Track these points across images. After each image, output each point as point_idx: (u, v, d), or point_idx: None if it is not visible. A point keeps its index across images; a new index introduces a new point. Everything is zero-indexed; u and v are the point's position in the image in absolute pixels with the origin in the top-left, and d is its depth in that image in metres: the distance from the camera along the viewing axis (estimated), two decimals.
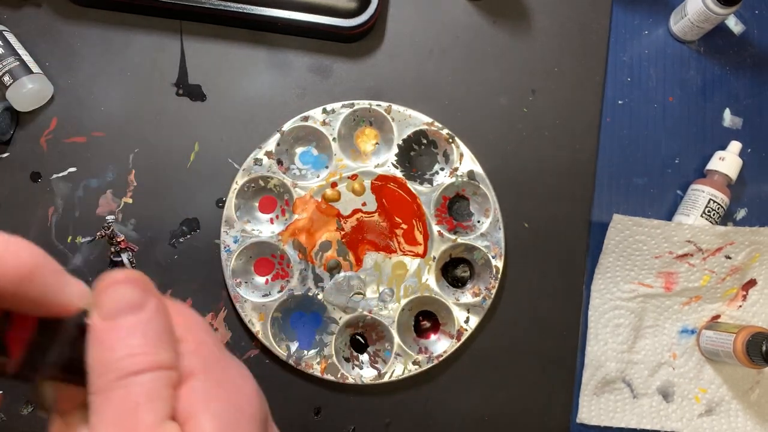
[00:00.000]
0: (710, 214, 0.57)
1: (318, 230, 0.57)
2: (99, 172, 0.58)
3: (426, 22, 0.60)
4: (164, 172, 0.58)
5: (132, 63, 0.58)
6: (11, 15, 0.58)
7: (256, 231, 0.56)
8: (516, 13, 0.60)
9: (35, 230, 0.58)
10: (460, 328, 0.56)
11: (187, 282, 0.57)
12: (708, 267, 0.58)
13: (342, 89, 0.59)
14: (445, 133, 0.57)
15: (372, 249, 0.57)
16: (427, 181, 0.57)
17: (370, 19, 0.56)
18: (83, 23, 0.58)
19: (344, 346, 0.57)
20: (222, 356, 0.22)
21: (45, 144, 0.58)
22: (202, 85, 0.59)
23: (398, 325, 0.56)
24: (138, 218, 0.58)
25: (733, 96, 0.61)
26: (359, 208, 0.57)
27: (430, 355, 0.56)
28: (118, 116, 0.58)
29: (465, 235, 0.56)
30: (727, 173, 0.58)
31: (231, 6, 0.55)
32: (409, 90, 0.59)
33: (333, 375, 0.56)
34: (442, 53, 0.59)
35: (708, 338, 0.58)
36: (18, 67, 0.55)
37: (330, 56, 0.59)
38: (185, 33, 0.59)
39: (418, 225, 0.57)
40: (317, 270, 0.56)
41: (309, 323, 0.57)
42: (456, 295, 0.57)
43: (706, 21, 0.57)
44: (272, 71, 0.59)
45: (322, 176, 0.57)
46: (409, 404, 0.58)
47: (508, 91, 0.60)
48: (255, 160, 0.56)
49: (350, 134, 0.58)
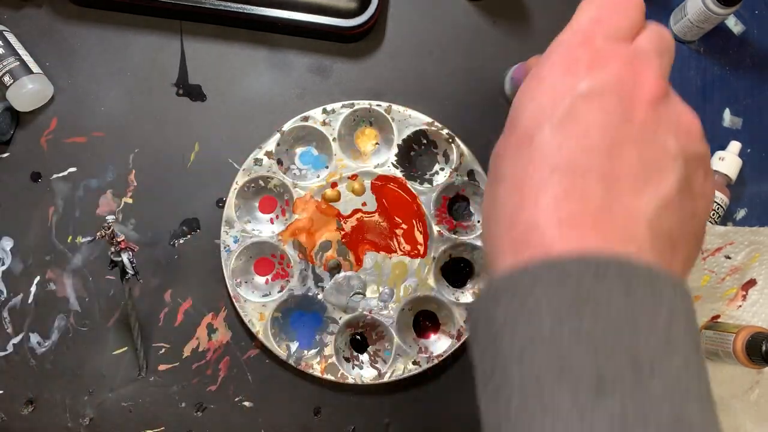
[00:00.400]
0: (710, 214, 0.57)
1: (318, 230, 0.57)
2: (99, 172, 0.58)
3: (426, 22, 0.60)
4: (164, 172, 0.58)
5: (132, 63, 0.58)
6: (11, 15, 0.58)
7: (256, 231, 0.56)
8: (516, 13, 0.60)
9: (35, 230, 0.58)
10: (460, 328, 0.56)
11: (187, 282, 0.57)
12: (707, 267, 0.58)
13: (342, 89, 0.59)
14: (445, 133, 0.57)
15: (372, 249, 0.57)
16: (427, 181, 0.57)
17: (370, 19, 0.56)
18: (83, 23, 0.58)
19: (344, 346, 0.57)
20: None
21: (45, 144, 0.58)
22: (202, 85, 0.59)
23: (398, 325, 0.56)
24: (138, 218, 0.58)
25: (732, 96, 0.61)
26: (359, 208, 0.57)
27: (430, 355, 0.56)
28: (118, 116, 0.58)
29: (465, 235, 0.57)
30: (726, 173, 0.58)
31: (231, 6, 0.55)
32: (409, 90, 0.59)
33: (333, 375, 0.56)
34: (442, 53, 0.59)
35: (708, 338, 0.58)
36: (18, 67, 0.55)
37: (330, 56, 0.59)
38: (185, 33, 0.59)
39: (418, 225, 0.57)
40: (317, 270, 0.56)
41: (309, 323, 0.57)
42: (456, 295, 0.57)
43: (705, 21, 0.57)
44: (272, 71, 0.59)
45: (322, 176, 0.57)
46: (409, 404, 0.58)
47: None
48: (255, 160, 0.56)
49: (350, 134, 0.58)
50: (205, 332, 0.57)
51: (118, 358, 0.57)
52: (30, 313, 0.57)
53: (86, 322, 0.57)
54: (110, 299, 0.57)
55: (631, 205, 0.25)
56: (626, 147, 0.26)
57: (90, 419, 0.57)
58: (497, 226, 0.28)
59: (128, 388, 0.57)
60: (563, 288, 0.24)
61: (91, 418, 0.57)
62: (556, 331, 0.23)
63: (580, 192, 0.25)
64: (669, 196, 0.26)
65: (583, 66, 0.27)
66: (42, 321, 0.57)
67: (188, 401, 0.57)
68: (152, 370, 0.57)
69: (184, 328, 0.57)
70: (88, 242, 0.57)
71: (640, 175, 0.26)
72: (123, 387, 0.57)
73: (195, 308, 0.57)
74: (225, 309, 0.58)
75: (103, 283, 0.57)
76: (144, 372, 0.56)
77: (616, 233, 0.25)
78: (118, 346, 0.57)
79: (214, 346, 0.57)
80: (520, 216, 0.26)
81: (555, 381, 0.23)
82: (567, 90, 0.27)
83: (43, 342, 0.57)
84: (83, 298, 0.57)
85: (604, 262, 0.24)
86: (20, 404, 0.57)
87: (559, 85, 0.27)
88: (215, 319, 0.58)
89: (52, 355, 0.57)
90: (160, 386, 0.57)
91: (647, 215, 0.25)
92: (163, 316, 0.57)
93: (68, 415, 0.57)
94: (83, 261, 0.57)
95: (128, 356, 0.57)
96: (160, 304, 0.57)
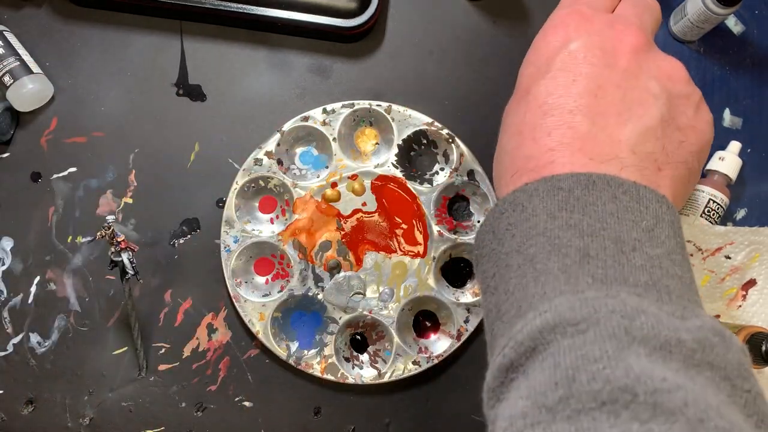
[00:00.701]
0: (710, 214, 0.57)
1: (318, 230, 0.57)
2: (99, 172, 0.58)
3: (426, 22, 0.60)
4: (164, 172, 0.58)
5: (132, 63, 0.58)
6: (11, 15, 0.58)
7: (256, 231, 0.56)
8: (516, 13, 0.60)
9: (35, 230, 0.58)
10: (460, 328, 0.56)
11: (187, 282, 0.57)
12: (707, 267, 0.58)
13: (342, 89, 0.59)
14: (445, 133, 0.57)
15: (372, 249, 0.57)
16: (427, 181, 0.57)
17: (370, 19, 0.56)
18: (83, 23, 0.59)
19: (344, 346, 0.57)
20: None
21: (45, 144, 0.58)
22: (202, 85, 0.59)
23: (398, 325, 0.56)
24: (138, 218, 0.58)
25: (732, 96, 0.61)
26: (359, 208, 0.57)
27: (430, 355, 0.56)
28: (118, 116, 0.58)
29: (465, 235, 0.57)
30: (726, 173, 0.58)
31: (231, 6, 0.55)
32: (409, 90, 0.59)
33: (333, 375, 0.56)
34: (442, 53, 0.59)
35: None
36: (18, 67, 0.55)
37: (330, 56, 0.59)
38: (185, 33, 0.59)
39: (418, 225, 0.57)
40: (317, 270, 0.56)
41: (309, 323, 0.57)
42: (456, 295, 0.57)
43: (705, 21, 0.57)
44: (272, 71, 0.59)
45: (322, 176, 0.57)
46: (409, 404, 0.58)
47: (508, 91, 0.59)
48: (255, 160, 0.56)
49: (350, 134, 0.58)
50: (205, 332, 0.57)
51: (118, 358, 0.57)
52: (30, 313, 0.57)
53: (86, 322, 0.57)
54: (110, 299, 0.57)
55: (615, 133, 0.29)
56: (610, 89, 0.30)
57: (90, 419, 0.57)
58: (501, 166, 0.33)
59: (128, 388, 0.57)
60: (556, 195, 0.27)
61: (91, 418, 0.57)
62: (548, 224, 0.27)
63: (568, 125, 0.29)
64: (651, 125, 0.30)
65: (572, 29, 0.32)
66: (42, 321, 0.57)
67: (188, 401, 0.57)
68: (152, 370, 0.57)
69: (184, 328, 0.57)
70: (88, 242, 0.57)
71: (624, 110, 0.30)
72: (123, 387, 0.57)
73: (195, 308, 0.58)
74: (225, 309, 0.58)
75: (103, 283, 0.58)
76: (144, 372, 0.56)
77: (602, 155, 0.28)
78: (118, 346, 0.58)
79: (214, 346, 0.57)
80: (520, 152, 0.31)
81: (546, 256, 0.27)
82: (557, 49, 0.32)
83: (43, 342, 0.57)
84: (83, 298, 0.57)
85: (593, 177, 0.27)
86: (20, 404, 0.57)
87: (552, 47, 0.33)
88: (215, 319, 0.58)
89: (52, 355, 0.57)
90: (160, 386, 0.57)
91: (629, 141, 0.29)
92: (163, 316, 0.57)
93: (68, 415, 0.57)
94: (83, 261, 0.57)
95: (128, 356, 0.57)
96: (160, 304, 0.57)
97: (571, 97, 0.30)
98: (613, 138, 0.29)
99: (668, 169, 0.30)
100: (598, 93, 0.30)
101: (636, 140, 0.29)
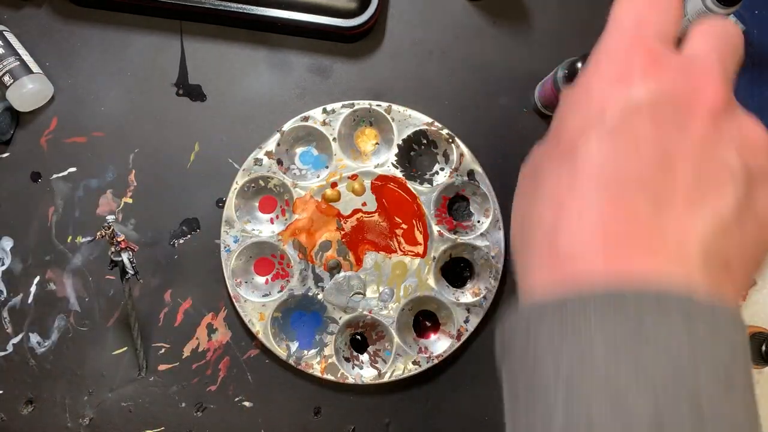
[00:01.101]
0: None
1: (318, 230, 0.57)
2: (99, 172, 0.58)
3: (426, 22, 0.60)
4: (164, 172, 0.58)
5: (132, 63, 0.58)
6: (11, 15, 0.58)
7: (256, 231, 0.56)
8: (516, 13, 0.60)
9: (35, 230, 0.58)
10: (460, 328, 0.56)
11: (187, 282, 0.57)
12: None
13: (342, 89, 0.59)
14: (445, 133, 0.57)
15: (372, 249, 0.57)
16: (427, 181, 0.57)
17: (370, 19, 0.56)
18: (83, 23, 0.58)
19: (344, 346, 0.57)
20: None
21: (45, 144, 0.58)
22: (202, 85, 0.59)
23: (398, 325, 0.56)
24: (138, 218, 0.58)
25: None
26: (359, 208, 0.57)
27: (430, 355, 0.56)
28: (118, 116, 0.58)
29: (465, 235, 0.56)
30: None
31: (231, 6, 0.55)
32: (409, 90, 0.59)
33: (333, 375, 0.56)
34: (442, 53, 0.59)
35: None
36: (18, 67, 0.55)
37: (330, 56, 0.59)
38: (185, 33, 0.59)
39: (418, 225, 0.57)
40: (317, 270, 0.56)
41: (309, 323, 0.57)
42: (456, 295, 0.57)
43: None
44: (272, 71, 0.59)
45: (322, 176, 0.57)
46: (409, 404, 0.58)
47: (508, 91, 0.60)
48: (255, 160, 0.56)
49: (350, 134, 0.58)
50: (205, 332, 0.57)
51: (118, 358, 0.57)
52: (30, 313, 0.57)
53: (86, 322, 0.57)
54: (110, 299, 0.57)
55: (684, 225, 0.23)
56: (680, 162, 0.23)
57: (90, 419, 0.57)
58: (533, 241, 0.26)
59: (128, 388, 0.57)
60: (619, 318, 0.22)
61: (90, 418, 0.57)
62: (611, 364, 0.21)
63: (628, 209, 0.23)
64: (727, 215, 0.23)
65: (638, 72, 0.24)
66: (42, 321, 0.57)
67: (188, 401, 0.57)
68: (152, 370, 0.57)
69: (184, 328, 0.57)
70: (88, 242, 0.57)
71: (695, 193, 0.23)
72: (123, 387, 0.57)
73: (195, 308, 0.57)
74: (225, 309, 0.58)
75: (103, 283, 0.57)
76: (144, 372, 0.56)
77: (667, 256, 0.23)
78: (118, 346, 0.57)
79: (214, 346, 0.57)
80: (560, 232, 0.24)
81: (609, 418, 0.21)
82: (618, 99, 0.24)
83: (42, 342, 0.57)
84: (83, 298, 0.57)
85: (664, 295, 0.22)
86: (20, 404, 0.57)
87: (609, 94, 0.24)
88: (215, 319, 0.58)
89: (52, 355, 0.57)
90: (159, 386, 0.57)
91: (701, 236, 0.23)
92: (163, 316, 0.57)
93: (68, 415, 0.57)
94: (83, 261, 0.57)
95: (128, 356, 0.57)
96: (160, 304, 0.57)
97: (633, 169, 0.23)
98: (682, 232, 0.23)
99: (739, 270, 0.24)
100: (665, 167, 0.23)
101: (708, 234, 0.23)
